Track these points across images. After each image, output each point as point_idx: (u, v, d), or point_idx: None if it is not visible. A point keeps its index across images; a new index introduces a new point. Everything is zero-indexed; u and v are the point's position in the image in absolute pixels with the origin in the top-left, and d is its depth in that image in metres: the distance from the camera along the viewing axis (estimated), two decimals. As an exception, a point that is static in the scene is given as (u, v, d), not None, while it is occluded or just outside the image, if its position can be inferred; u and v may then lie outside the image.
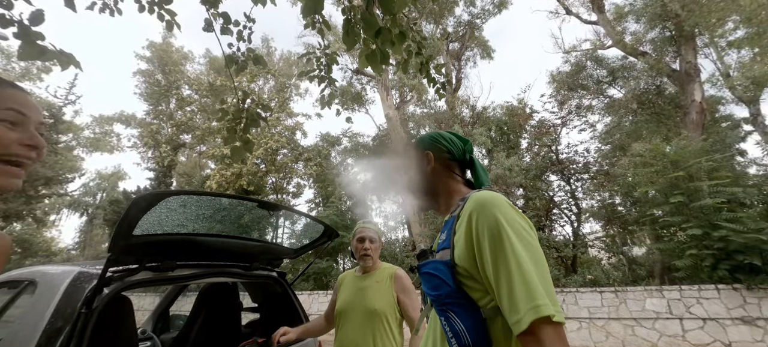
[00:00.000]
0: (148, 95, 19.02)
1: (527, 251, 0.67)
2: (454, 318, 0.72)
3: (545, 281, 0.65)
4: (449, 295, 0.74)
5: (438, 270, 0.77)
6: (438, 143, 1.01)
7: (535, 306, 0.61)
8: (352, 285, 1.77)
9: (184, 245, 1.47)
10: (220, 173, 11.93)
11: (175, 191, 1.15)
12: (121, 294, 1.34)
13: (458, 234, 0.78)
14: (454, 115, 11.91)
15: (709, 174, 7.01)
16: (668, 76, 9.41)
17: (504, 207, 0.73)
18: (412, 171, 1.01)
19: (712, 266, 6.38)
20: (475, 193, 0.81)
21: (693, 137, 8.15)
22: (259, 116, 2.21)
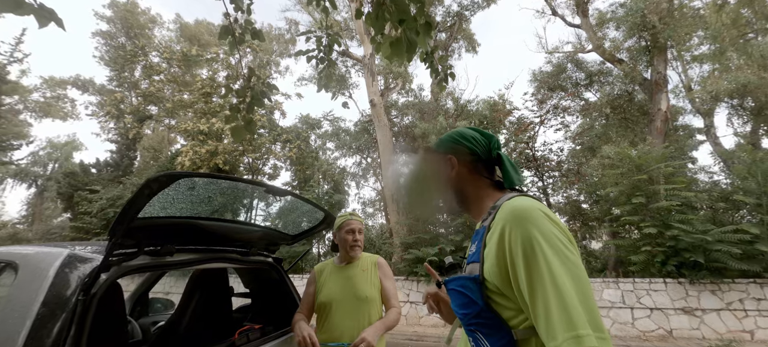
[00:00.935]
0: (111, 59, 17.43)
1: (566, 270, 0.62)
2: (483, 340, 0.68)
3: (588, 303, 0.59)
4: (479, 315, 0.70)
5: (466, 287, 0.72)
6: (460, 144, 0.92)
7: (576, 337, 0.55)
8: (337, 275, 1.77)
9: (183, 229, 1.39)
10: (194, 149, 11.32)
11: (189, 173, 1.06)
12: (115, 278, 1.24)
13: (489, 248, 0.72)
14: (438, 106, 11.99)
15: (667, 179, 7.63)
16: (640, 85, 10.02)
17: (540, 220, 0.67)
18: (436, 179, 0.92)
19: (662, 261, 7.02)
20: (508, 201, 0.74)
21: (656, 143, 8.79)
22: (264, 93, 2.08)
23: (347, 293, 1.68)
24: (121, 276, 1.14)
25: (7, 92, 18.10)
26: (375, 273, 1.77)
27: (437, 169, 0.92)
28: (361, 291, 1.68)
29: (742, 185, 7.22)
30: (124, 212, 0.98)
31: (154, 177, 0.94)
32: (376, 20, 1.44)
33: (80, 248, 1.19)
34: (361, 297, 1.66)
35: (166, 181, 0.97)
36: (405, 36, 1.42)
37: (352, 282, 1.70)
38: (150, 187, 0.94)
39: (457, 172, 0.90)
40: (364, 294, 1.67)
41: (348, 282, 1.71)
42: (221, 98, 11.32)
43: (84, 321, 0.96)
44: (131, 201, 0.96)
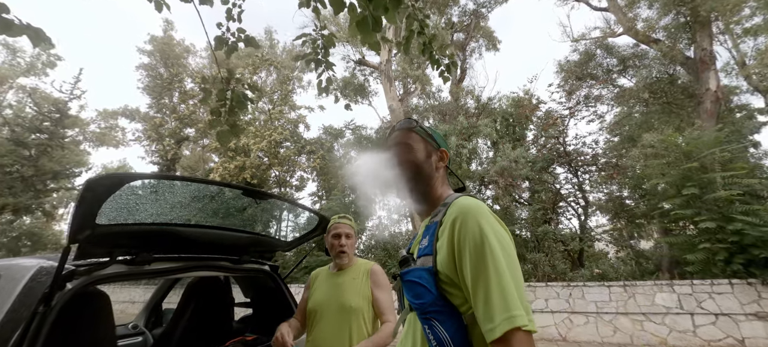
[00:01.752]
0: (151, 88, 18.98)
1: (507, 262, 0.68)
2: (438, 326, 0.71)
3: (520, 289, 0.67)
4: (433, 303, 0.73)
5: (421, 277, 0.76)
6: (444, 144, 0.98)
7: (511, 316, 0.62)
8: (327, 282, 1.68)
9: (164, 236, 1.35)
10: (224, 166, 11.88)
11: (139, 175, 1.02)
12: (93, 288, 1.22)
13: (441, 241, 0.77)
14: (458, 106, 11.67)
15: (724, 166, 6.75)
16: (682, 65, 9.07)
17: (488, 216, 0.74)
18: (422, 157, 0.94)
19: (725, 260, 6.18)
20: (458, 199, 0.81)
21: (707, 127, 7.87)
22: (246, 97, 2.06)
23: (333, 301, 1.58)
24: (90, 284, 1.11)
25: (68, 126, 20.28)
26: (366, 281, 1.63)
27: (425, 151, 0.95)
28: (347, 300, 1.55)
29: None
30: (74, 220, 0.95)
31: (95, 179, 0.90)
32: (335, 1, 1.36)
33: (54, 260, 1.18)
34: (345, 307, 1.54)
35: (110, 184, 0.92)
36: (369, 13, 1.31)
37: (339, 290, 1.59)
38: (92, 190, 0.90)
39: (443, 167, 0.96)
40: (349, 303, 1.54)
41: (335, 290, 1.60)
42: (200, 102, 11.83)
43: (39, 334, 0.92)
44: (77, 208, 0.92)
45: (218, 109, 2.01)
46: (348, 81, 14.36)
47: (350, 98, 14.79)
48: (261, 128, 13.26)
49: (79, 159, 23.10)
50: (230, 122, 2.01)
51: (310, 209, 1.81)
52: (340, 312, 1.54)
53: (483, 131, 10.06)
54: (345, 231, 1.68)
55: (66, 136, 19.95)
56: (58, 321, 0.98)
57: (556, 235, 9.11)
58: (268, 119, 14.47)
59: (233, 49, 2.17)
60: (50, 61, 20.24)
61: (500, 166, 9.11)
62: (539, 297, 7.49)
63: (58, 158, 18.39)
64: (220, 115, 2.01)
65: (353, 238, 1.71)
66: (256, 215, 1.84)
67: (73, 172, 21.49)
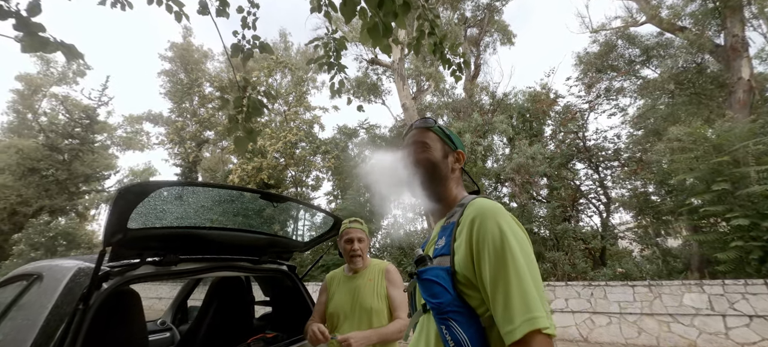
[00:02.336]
0: (172, 93, 19.73)
1: (526, 263, 0.68)
2: (456, 327, 0.70)
3: (540, 291, 0.67)
4: (450, 304, 0.72)
5: (439, 277, 0.75)
6: (462, 148, 0.99)
7: (532, 318, 0.62)
8: (344, 285, 1.72)
9: (189, 238, 1.43)
10: (242, 167, 12.22)
11: (167, 182, 1.08)
12: (126, 288, 1.31)
13: (459, 241, 0.77)
14: (473, 103, 11.52)
15: (758, 159, 6.37)
16: (711, 53, 8.60)
17: (506, 217, 0.74)
18: (439, 157, 0.94)
19: (760, 259, 5.84)
20: (475, 200, 0.81)
21: (739, 118, 7.43)
22: (262, 103, 2.13)
23: (354, 305, 1.63)
24: (124, 284, 1.19)
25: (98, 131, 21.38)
26: (382, 281, 1.67)
27: (442, 151, 0.95)
28: (367, 302, 1.61)
29: None
30: (109, 225, 1.02)
31: (126, 188, 0.96)
32: (344, 6, 1.38)
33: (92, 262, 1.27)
34: (366, 309, 1.60)
35: (140, 192, 0.99)
36: (380, 20, 1.33)
37: (358, 293, 1.64)
38: (124, 198, 0.96)
39: (459, 169, 0.96)
40: (369, 305, 1.60)
41: (355, 293, 1.66)
42: (219, 110, 12.08)
43: (80, 331, 1.00)
44: (111, 214, 0.99)
45: (235, 116, 2.09)
46: (361, 81, 14.44)
47: (363, 97, 14.86)
48: (277, 129, 13.54)
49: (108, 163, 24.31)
50: (247, 128, 2.08)
51: (325, 210, 1.85)
52: (362, 314, 1.59)
53: (498, 128, 9.89)
54: (357, 236, 1.71)
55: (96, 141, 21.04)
56: (95, 318, 1.06)
57: (576, 233, 8.86)
58: (284, 121, 14.75)
59: (249, 55, 2.24)
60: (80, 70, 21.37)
61: (517, 163, 8.94)
62: (559, 296, 7.32)
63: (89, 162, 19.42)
64: (237, 122, 2.08)
65: (366, 241, 1.74)
66: (273, 217, 1.91)
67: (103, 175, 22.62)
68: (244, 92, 2.12)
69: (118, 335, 1.28)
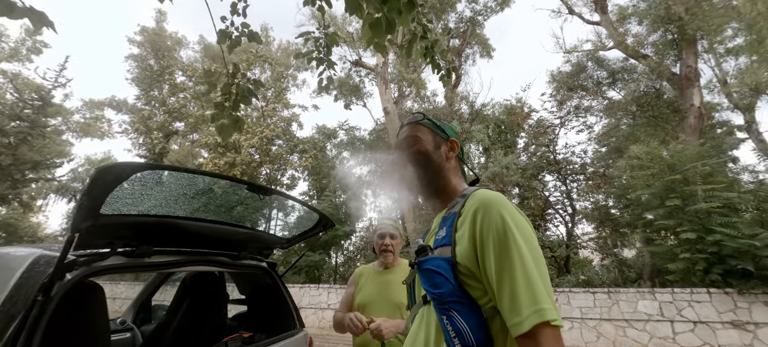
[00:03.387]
0: (140, 80, 18.54)
1: (531, 254, 0.67)
2: (457, 317, 0.70)
3: (546, 283, 0.66)
4: (452, 293, 0.72)
5: (440, 267, 0.74)
6: (455, 135, 0.97)
7: (539, 310, 0.61)
8: (374, 279, 1.76)
9: (164, 228, 1.33)
10: (214, 161, 11.69)
11: (150, 165, 1.01)
12: (89, 280, 1.20)
13: (461, 232, 0.76)
14: (452, 111, 11.80)
15: (705, 179, 7.01)
16: (668, 80, 9.41)
17: (510, 208, 0.73)
18: (431, 149, 0.92)
19: (704, 270, 6.40)
20: (478, 191, 0.80)
21: (690, 141, 8.16)
22: (250, 92, 2.05)
23: (383, 298, 1.66)
24: (90, 276, 1.09)
25: (51, 114, 19.61)
26: None
27: (434, 142, 0.94)
28: (397, 298, 1.64)
29: (793, 183, 6.52)
30: (80, 208, 0.92)
31: (106, 167, 0.88)
32: (349, 1, 1.37)
33: (55, 250, 1.15)
34: (396, 304, 1.63)
35: (119, 173, 0.91)
36: (384, 16, 1.33)
37: (388, 288, 1.68)
38: (102, 178, 0.88)
39: (455, 157, 0.94)
40: (400, 300, 1.63)
41: (385, 288, 1.69)
42: (203, 95, 11.65)
43: (38, 324, 0.90)
44: (84, 196, 0.90)
45: (222, 102, 1.99)
46: (343, 81, 14.35)
47: (345, 98, 14.77)
48: (253, 124, 13.10)
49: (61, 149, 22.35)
50: (233, 116, 1.99)
51: (311, 206, 1.81)
52: (391, 307, 1.62)
53: (476, 137, 10.19)
54: (389, 232, 1.78)
55: (48, 125, 19.29)
56: (56, 312, 0.96)
57: (543, 241, 9.28)
58: (261, 116, 14.30)
59: (237, 43, 2.15)
60: (36, 47, 19.57)
61: (492, 171, 9.24)
62: (527, 301, 7.61)
63: (39, 147, 17.76)
64: (223, 108, 1.99)
65: (399, 239, 1.79)
66: (255, 211, 1.83)
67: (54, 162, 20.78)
68: (234, 78, 2.03)
69: (80, 331, 1.17)
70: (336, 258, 13.28)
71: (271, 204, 1.84)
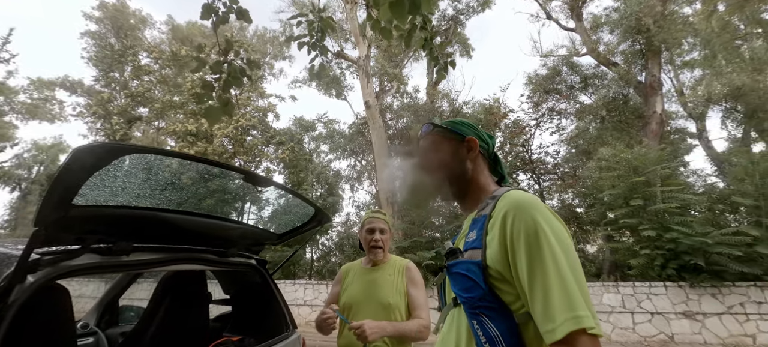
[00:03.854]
0: (99, 59, 17.00)
1: (566, 257, 0.64)
2: (488, 323, 0.68)
3: (584, 289, 0.62)
4: (482, 298, 0.70)
5: (470, 271, 0.73)
6: (478, 133, 0.93)
7: (575, 317, 0.58)
8: (361, 277, 1.65)
9: (145, 222, 1.17)
10: (182, 151, 10.97)
11: (137, 147, 0.85)
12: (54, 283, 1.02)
13: (491, 235, 0.74)
14: (434, 108, 11.88)
15: (664, 181, 7.56)
16: (634, 88, 10.03)
17: (542, 210, 0.70)
18: (446, 156, 0.91)
19: (662, 265, 6.91)
20: (508, 192, 0.77)
21: (652, 145, 8.76)
22: (243, 72, 1.87)
23: (370, 297, 1.55)
24: (56, 278, 0.92)
25: (-10, 93, 17.57)
26: (402, 278, 1.60)
27: (450, 147, 0.91)
28: (385, 297, 1.53)
29: (739, 187, 7.17)
30: (50, 197, 0.76)
31: (86, 148, 0.72)
32: None
33: (10, 246, 0.96)
34: (384, 303, 1.52)
35: (103, 155, 0.75)
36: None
37: (376, 286, 1.57)
38: (81, 160, 0.72)
39: (476, 156, 0.90)
40: (387, 300, 1.53)
41: (372, 286, 1.58)
42: (192, 72, 10.98)
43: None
44: (56, 183, 0.74)
45: (211, 83, 1.80)
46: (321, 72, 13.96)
47: (324, 90, 14.43)
48: (227, 113, 12.45)
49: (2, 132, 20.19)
50: (223, 99, 1.81)
51: (307, 199, 1.68)
52: (378, 308, 1.51)
53: (456, 135, 10.32)
54: (379, 226, 1.64)
55: (-13, 104, 17.32)
56: (14, 322, 0.79)
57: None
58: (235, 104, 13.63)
59: (223, 20, 1.96)
60: (-30, 15, 17.42)
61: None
62: (502, 296, 7.86)
63: (-24, 128, 15.91)
64: (212, 90, 1.79)
65: (388, 233, 1.68)
66: (245, 204, 1.68)
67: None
68: (226, 56, 1.84)
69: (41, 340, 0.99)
70: (312, 253, 13.03)
71: (263, 196, 1.69)
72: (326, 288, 9.38)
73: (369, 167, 14.93)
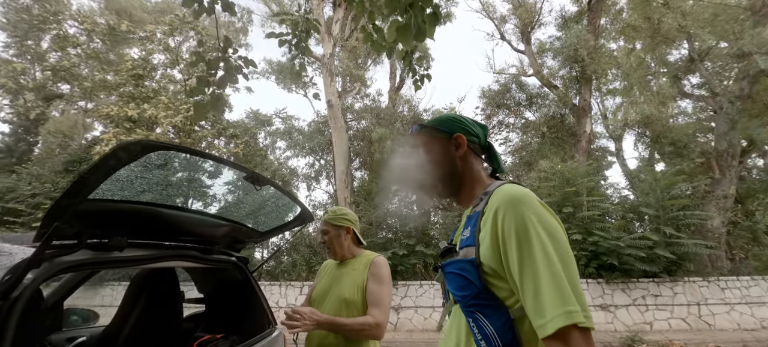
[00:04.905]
0: (11, 24, 14.36)
1: (557, 252, 0.64)
2: (483, 320, 0.69)
3: (575, 284, 0.62)
4: (477, 296, 0.71)
5: (464, 269, 0.73)
6: (464, 126, 0.91)
7: (566, 312, 0.57)
8: (331, 273, 1.69)
9: (138, 217, 1.14)
10: (118, 138, 9.77)
11: (167, 145, 0.86)
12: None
13: (484, 232, 0.73)
14: (395, 112, 12.20)
15: (589, 192, 8.75)
16: (570, 109, 11.40)
17: (533, 204, 0.69)
18: (436, 156, 0.90)
19: (585, 264, 7.99)
20: (501, 187, 0.76)
21: (581, 160, 10.05)
22: (239, 69, 1.84)
23: (332, 292, 1.58)
24: (53, 275, 0.88)
25: None
26: (364, 273, 1.60)
27: (439, 146, 0.90)
28: (343, 291, 1.55)
29: (644, 199, 8.58)
30: (76, 189, 0.75)
31: (124, 145, 0.73)
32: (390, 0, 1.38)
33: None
34: (341, 298, 1.53)
35: (137, 151, 0.76)
36: (415, 22, 1.37)
37: (338, 282, 1.60)
38: (117, 157, 0.73)
39: (464, 152, 0.89)
40: (344, 295, 1.53)
41: (336, 281, 1.61)
42: (190, 66, 9.93)
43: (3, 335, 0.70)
44: (89, 174, 0.73)
45: (206, 78, 1.73)
46: (284, 66, 13.53)
47: (284, 85, 13.96)
48: (175, 100, 11.41)
49: None
50: (216, 95, 1.75)
51: (295, 198, 1.73)
52: (337, 303, 1.53)
53: (416, 140, 10.75)
54: (322, 228, 1.70)
55: None
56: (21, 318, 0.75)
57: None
58: (184, 91, 12.53)
59: (206, 11, 1.89)
60: None
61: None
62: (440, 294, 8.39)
63: None
64: (207, 85, 1.73)
65: (333, 231, 1.67)
66: (229, 200, 1.67)
67: None
68: (225, 53, 1.78)
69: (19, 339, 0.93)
70: (262, 253, 12.50)
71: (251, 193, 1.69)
72: (279, 290, 9.13)
73: (328, 166, 14.78)
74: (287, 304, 8.97)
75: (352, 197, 11.56)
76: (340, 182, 11.43)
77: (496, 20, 13.32)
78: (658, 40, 9.98)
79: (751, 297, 7.25)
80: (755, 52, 8.00)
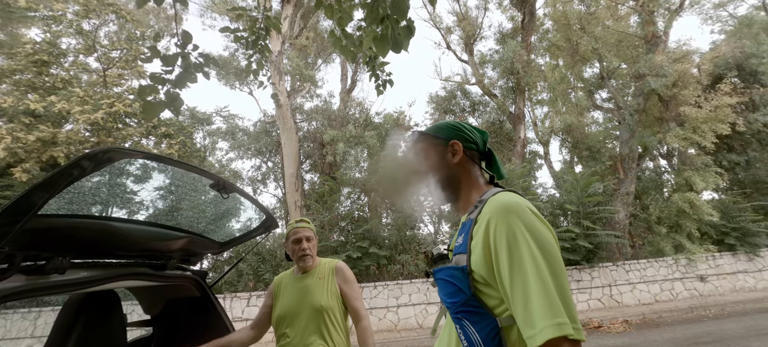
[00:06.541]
0: None
1: (547, 263, 0.63)
2: (470, 328, 0.69)
3: (565, 295, 0.62)
4: (465, 303, 0.71)
5: (454, 277, 0.74)
6: (461, 133, 0.92)
7: (556, 324, 0.58)
8: (294, 287, 1.65)
9: (84, 233, 0.98)
10: (14, 135, 8.08)
11: (136, 152, 0.76)
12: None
13: (475, 240, 0.73)
14: (346, 114, 12.16)
15: (524, 191, 9.76)
16: (507, 117, 12.56)
17: (525, 214, 0.69)
18: (432, 162, 0.91)
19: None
20: (495, 195, 0.76)
21: (517, 163, 11.15)
22: (200, 67, 1.66)
23: (303, 304, 1.55)
24: (-22, 307, 0.72)
25: None
26: (332, 279, 1.64)
27: (436, 153, 0.91)
28: (317, 300, 1.55)
29: (568, 197, 9.84)
30: (25, 204, 0.62)
31: (91, 154, 0.63)
32: (371, 13, 1.39)
33: None
34: (316, 308, 1.53)
35: (105, 160, 0.67)
36: (392, 33, 1.41)
37: (307, 293, 1.57)
38: (81, 167, 0.63)
39: (461, 159, 0.89)
40: (320, 303, 1.54)
41: (304, 293, 1.58)
42: (143, 62, 8.48)
43: None
44: (43, 187, 0.62)
45: (161, 76, 1.52)
46: (226, 61, 12.59)
47: (227, 81, 12.98)
48: (93, 93, 9.84)
49: None
50: (173, 94, 1.56)
51: (260, 204, 1.65)
52: (312, 313, 1.52)
53: (368, 142, 10.85)
54: (305, 235, 1.65)
55: None
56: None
57: (417, 239, 10.74)
58: (104, 83, 10.90)
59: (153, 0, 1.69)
60: None
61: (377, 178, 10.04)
62: (405, 292, 8.63)
63: None
64: (163, 83, 1.53)
65: (314, 239, 1.70)
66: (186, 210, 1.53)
67: None
68: (184, 48, 1.59)
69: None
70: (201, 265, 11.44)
71: (205, 201, 1.57)
72: (224, 302, 8.43)
73: (276, 168, 14.10)
74: (233, 318, 8.35)
75: (303, 200, 11.20)
76: (290, 185, 11.00)
77: (442, 30, 14.11)
78: (576, 59, 11.57)
79: (647, 277, 8.77)
80: (648, 74, 9.72)
